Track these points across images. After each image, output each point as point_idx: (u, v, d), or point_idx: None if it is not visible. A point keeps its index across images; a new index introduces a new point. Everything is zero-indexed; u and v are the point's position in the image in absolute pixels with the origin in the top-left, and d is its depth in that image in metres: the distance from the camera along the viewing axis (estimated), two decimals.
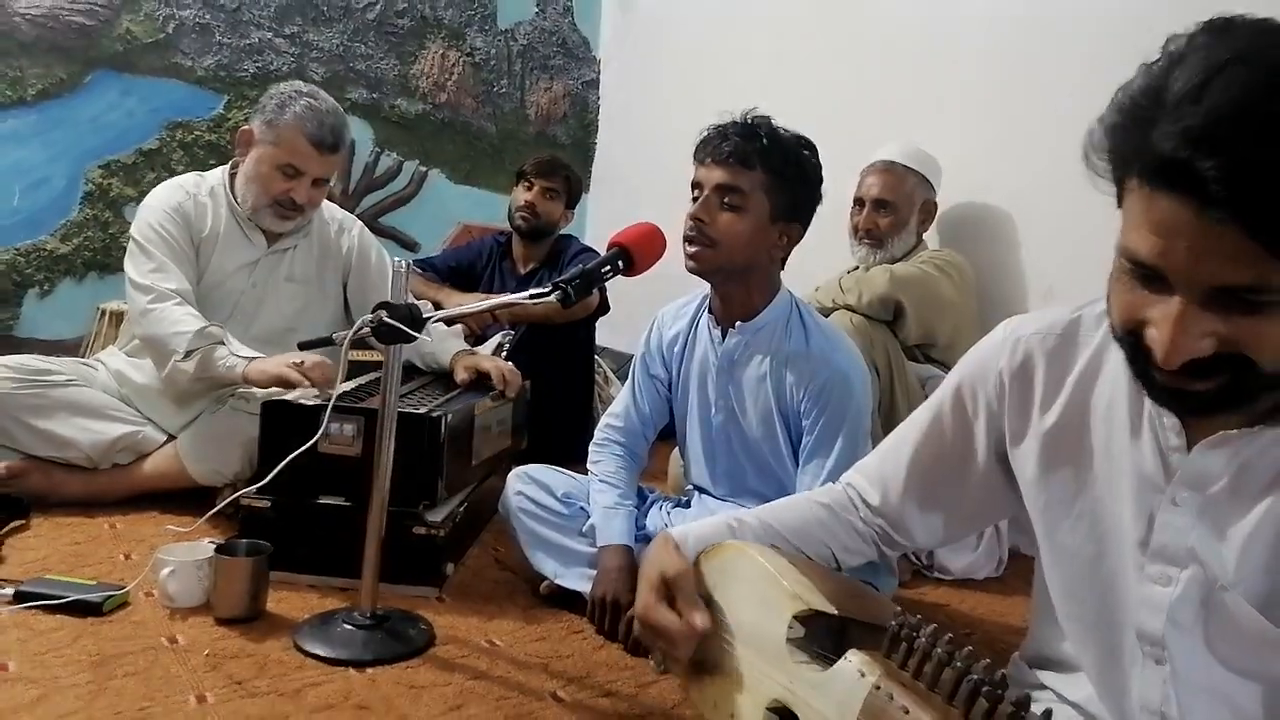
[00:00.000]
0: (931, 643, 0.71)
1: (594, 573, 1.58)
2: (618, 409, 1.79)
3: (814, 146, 1.58)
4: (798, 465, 1.58)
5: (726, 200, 1.51)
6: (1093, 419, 0.86)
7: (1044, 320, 0.91)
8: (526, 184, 2.87)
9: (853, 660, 0.78)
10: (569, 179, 2.91)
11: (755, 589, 0.95)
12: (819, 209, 1.61)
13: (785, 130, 1.55)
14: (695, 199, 1.54)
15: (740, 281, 1.57)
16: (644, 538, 1.63)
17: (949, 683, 0.68)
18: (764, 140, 1.50)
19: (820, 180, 1.57)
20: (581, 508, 1.68)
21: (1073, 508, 0.87)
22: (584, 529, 1.64)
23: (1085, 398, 0.86)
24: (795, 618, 0.88)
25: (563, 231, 2.99)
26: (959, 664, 0.68)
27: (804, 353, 1.55)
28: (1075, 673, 0.92)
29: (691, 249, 1.53)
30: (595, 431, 1.80)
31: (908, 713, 0.69)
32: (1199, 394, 0.69)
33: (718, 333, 1.62)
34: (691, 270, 1.56)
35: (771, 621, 0.91)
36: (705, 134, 1.56)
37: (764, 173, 1.50)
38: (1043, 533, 0.92)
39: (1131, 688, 0.83)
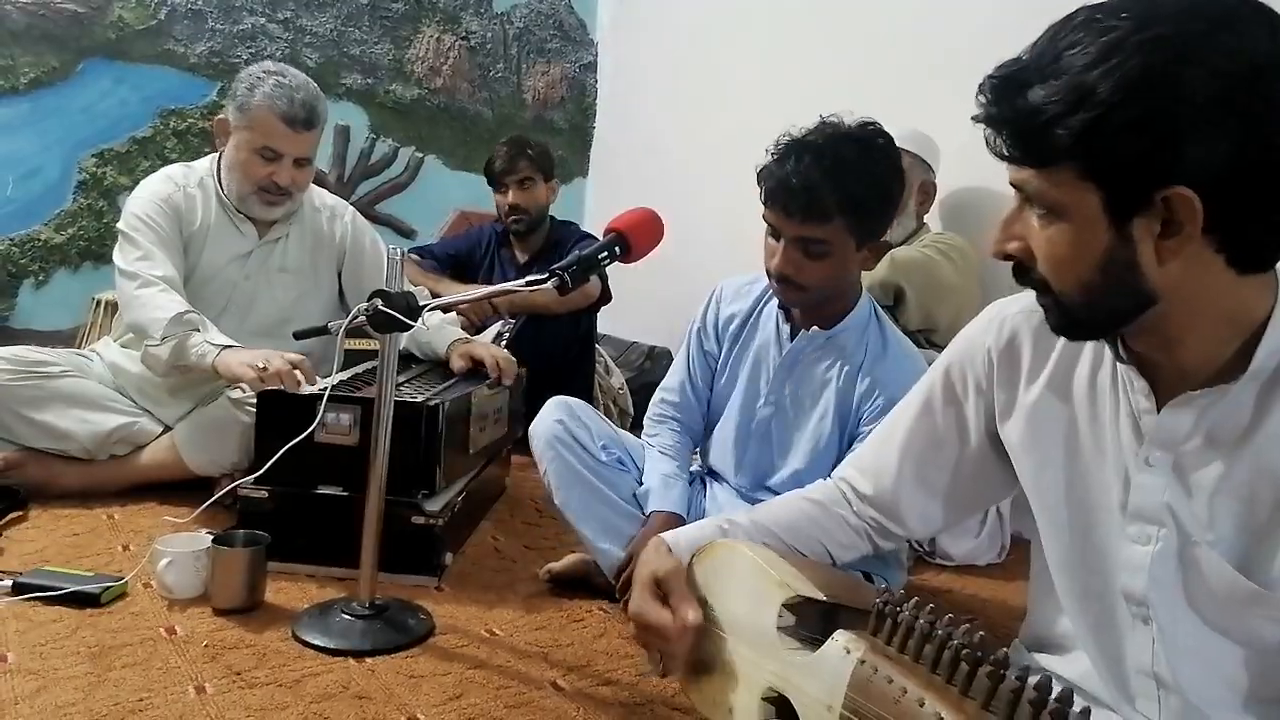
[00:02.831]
0: (914, 616, 0.73)
1: (618, 526, 1.53)
2: (672, 383, 1.70)
3: (879, 141, 1.43)
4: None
5: (810, 250, 1.42)
6: (1075, 390, 0.88)
7: (1030, 298, 0.93)
8: (502, 188, 2.83)
9: (839, 639, 0.79)
10: (534, 157, 2.81)
11: (746, 583, 0.95)
12: None
13: (846, 143, 1.40)
14: (772, 236, 1.46)
15: (827, 300, 1.52)
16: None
17: (932, 652, 0.69)
18: (834, 182, 1.37)
19: (894, 177, 1.44)
20: (619, 461, 1.62)
21: (1061, 478, 0.89)
22: (637, 492, 1.58)
23: (1069, 370, 0.89)
24: (785, 605, 0.89)
25: (562, 219, 2.97)
26: (940, 633, 0.69)
27: (883, 361, 1.49)
28: (1071, 652, 0.94)
29: (782, 290, 1.48)
30: (650, 405, 1.74)
31: (891, 682, 0.71)
32: (1045, 309, 0.82)
33: (786, 329, 1.57)
34: (788, 305, 1.54)
35: (763, 613, 0.91)
36: (768, 171, 1.43)
37: (842, 217, 1.39)
38: (1036, 506, 0.93)
39: (1126, 653, 0.85)
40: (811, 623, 0.89)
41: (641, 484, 1.60)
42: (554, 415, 1.60)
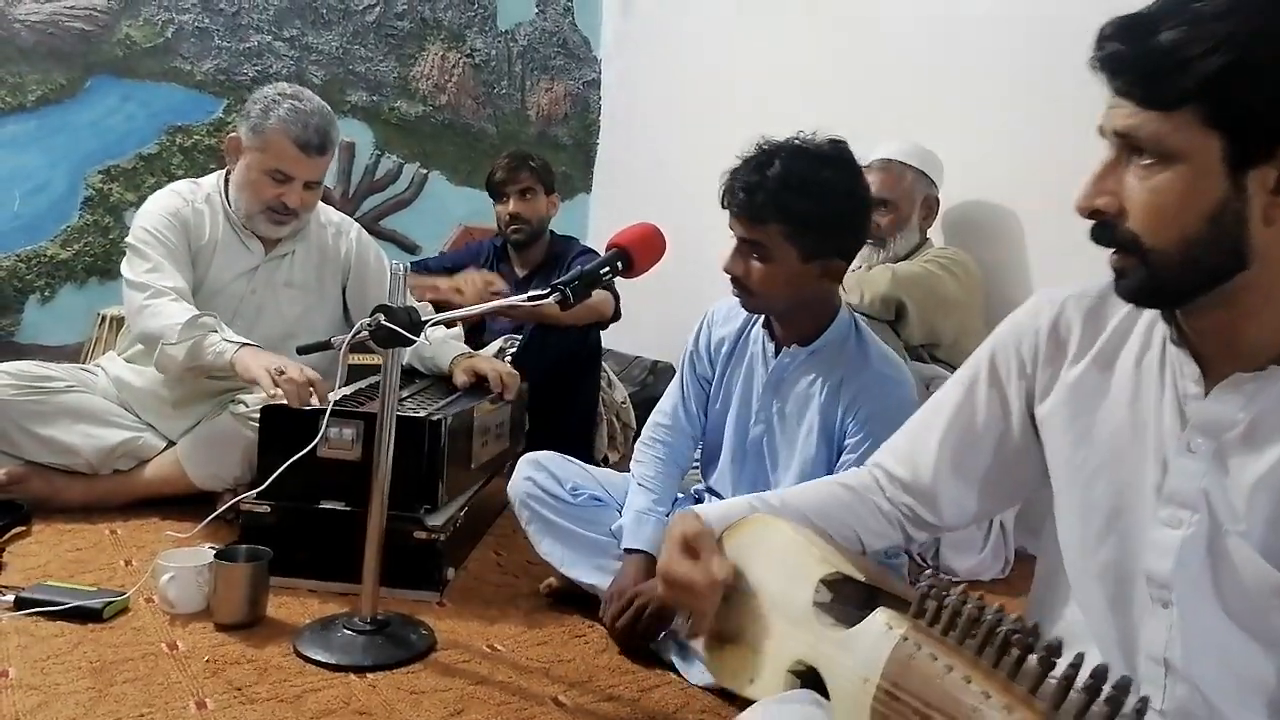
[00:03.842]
0: (962, 600, 0.70)
1: (602, 563, 1.58)
2: (666, 407, 1.73)
3: (838, 160, 1.45)
4: None
5: (754, 253, 1.46)
6: (1119, 370, 0.88)
7: (1082, 285, 0.94)
8: (503, 198, 2.84)
9: (880, 616, 0.77)
10: (536, 169, 2.82)
11: (781, 557, 0.94)
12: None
13: (802, 156, 1.43)
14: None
15: (792, 314, 1.54)
16: None
17: (978, 639, 0.67)
18: (773, 187, 1.40)
19: (846, 199, 1.45)
20: (592, 498, 1.67)
21: (1096, 456, 0.89)
22: (613, 527, 1.61)
23: (1115, 352, 0.89)
24: (824, 581, 0.88)
25: (562, 234, 2.98)
26: (989, 618, 0.67)
27: (863, 374, 1.50)
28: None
29: (735, 292, 1.52)
30: (644, 429, 1.75)
31: (935, 660, 0.68)
32: (1122, 273, 0.80)
33: (771, 347, 1.59)
34: (746, 310, 1.57)
35: (798, 587, 0.89)
36: (724, 174, 1.48)
37: (779, 223, 1.42)
38: (1062, 483, 0.92)
39: (1139, 636, 0.84)
40: (849, 602, 0.87)
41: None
42: (524, 474, 1.67)
